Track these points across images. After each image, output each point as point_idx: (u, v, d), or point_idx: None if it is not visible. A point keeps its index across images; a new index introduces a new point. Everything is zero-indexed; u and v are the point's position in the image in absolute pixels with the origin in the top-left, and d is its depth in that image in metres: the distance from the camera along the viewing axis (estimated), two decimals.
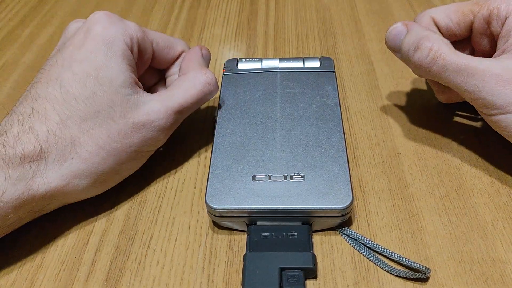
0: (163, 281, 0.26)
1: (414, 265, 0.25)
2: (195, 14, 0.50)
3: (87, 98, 0.27)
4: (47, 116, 0.26)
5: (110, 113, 0.27)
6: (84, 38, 0.28)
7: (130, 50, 0.29)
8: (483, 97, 0.27)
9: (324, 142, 0.30)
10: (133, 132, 0.28)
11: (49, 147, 0.26)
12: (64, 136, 0.26)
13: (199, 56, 0.33)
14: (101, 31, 0.28)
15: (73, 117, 0.27)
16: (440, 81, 0.29)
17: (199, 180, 0.32)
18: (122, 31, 0.29)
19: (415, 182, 0.30)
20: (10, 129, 0.26)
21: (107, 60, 0.28)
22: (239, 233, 0.28)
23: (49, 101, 0.27)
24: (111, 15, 0.29)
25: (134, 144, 0.28)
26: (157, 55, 0.32)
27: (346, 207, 0.26)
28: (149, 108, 0.28)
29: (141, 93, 0.29)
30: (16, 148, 0.25)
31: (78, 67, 0.27)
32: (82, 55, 0.28)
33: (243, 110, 0.32)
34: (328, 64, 0.36)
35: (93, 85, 0.27)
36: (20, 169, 0.25)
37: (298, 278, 0.24)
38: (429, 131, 0.34)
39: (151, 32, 0.32)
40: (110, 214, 0.30)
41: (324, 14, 0.49)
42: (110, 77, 0.28)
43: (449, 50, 0.28)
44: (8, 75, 0.43)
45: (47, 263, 0.27)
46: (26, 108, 0.27)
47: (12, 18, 0.52)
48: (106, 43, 0.28)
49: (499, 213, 0.28)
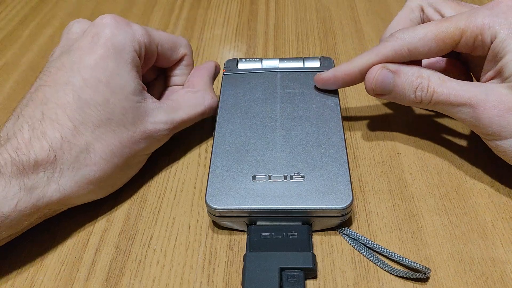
0: (163, 281, 0.26)
1: (414, 265, 0.25)
2: (195, 14, 0.50)
3: (100, 105, 0.27)
4: (59, 122, 0.26)
5: (122, 120, 0.28)
6: (93, 43, 0.28)
7: (138, 56, 0.29)
8: (478, 125, 0.27)
9: (324, 142, 0.30)
10: (141, 139, 0.29)
11: (63, 153, 0.26)
12: (78, 142, 0.26)
13: (211, 74, 0.34)
14: (111, 36, 0.28)
15: (86, 123, 0.27)
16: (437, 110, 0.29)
17: (199, 180, 0.32)
18: (131, 37, 0.29)
19: (415, 182, 0.30)
20: (20, 134, 0.25)
21: (118, 67, 0.28)
22: (239, 233, 0.28)
23: (60, 106, 0.26)
24: (119, 19, 0.29)
25: (141, 150, 0.29)
26: (161, 57, 0.32)
27: (346, 207, 0.26)
28: (156, 117, 0.29)
29: (148, 100, 0.29)
30: (29, 155, 0.25)
31: (88, 73, 0.27)
32: (92, 61, 0.28)
33: (243, 110, 0.32)
34: (328, 64, 0.36)
35: (105, 92, 0.27)
36: (34, 177, 0.25)
37: (298, 278, 0.24)
38: (429, 131, 0.34)
39: (156, 33, 0.32)
40: (110, 214, 0.30)
41: (324, 14, 0.49)
42: (122, 85, 0.28)
43: (439, 82, 0.28)
44: (8, 75, 0.43)
45: (47, 263, 0.27)
46: (35, 112, 0.26)
47: (12, 18, 0.52)
48: (116, 49, 0.28)
49: (499, 213, 0.28)
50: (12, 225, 0.24)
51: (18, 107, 0.28)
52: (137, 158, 0.30)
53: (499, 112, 0.26)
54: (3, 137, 0.26)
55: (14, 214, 0.24)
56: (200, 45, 0.45)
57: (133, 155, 0.29)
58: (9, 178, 0.24)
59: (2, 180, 0.24)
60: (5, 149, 0.25)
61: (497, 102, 0.26)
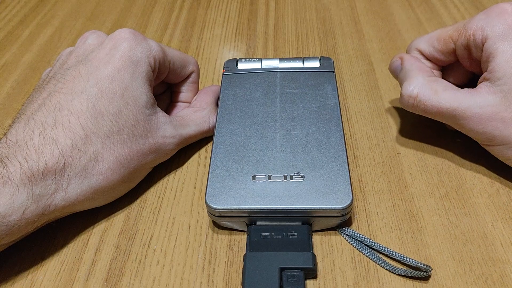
0: (163, 281, 0.26)
1: (415, 264, 0.25)
2: (195, 14, 0.50)
3: (113, 115, 0.27)
4: (71, 129, 0.26)
5: (133, 131, 0.28)
6: (111, 55, 0.29)
7: (152, 71, 0.30)
8: (469, 133, 0.29)
9: (324, 142, 0.30)
10: (149, 152, 0.29)
11: (73, 161, 0.26)
12: (88, 151, 0.26)
13: (216, 96, 0.35)
14: (128, 50, 0.29)
15: (97, 132, 0.27)
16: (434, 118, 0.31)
17: (199, 180, 0.32)
18: (147, 52, 0.30)
19: (415, 182, 0.30)
20: (31, 140, 0.25)
21: (133, 80, 0.28)
22: (239, 233, 0.28)
23: (74, 114, 0.27)
24: (136, 33, 0.30)
25: (147, 163, 0.30)
26: (171, 73, 0.33)
27: (346, 207, 0.26)
28: (165, 131, 0.30)
29: (159, 114, 0.30)
30: (39, 161, 0.25)
31: (105, 84, 0.28)
32: (109, 72, 0.28)
33: (243, 110, 0.32)
34: (328, 64, 0.36)
35: (119, 103, 0.28)
36: (42, 184, 0.25)
37: (298, 278, 0.24)
38: (429, 131, 0.34)
39: (169, 51, 0.32)
40: (110, 214, 0.30)
41: (324, 14, 0.49)
42: (135, 97, 0.28)
43: (430, 93, 0.29)
44: (8, 75, 0.43)
45: (47, 263, 0.27)
46: (47, 118, 0.26)
47: (12, 18, 0.52)
48: (133, 63, 0.29)
49: (499, 213, 0.28)
50: (17, 232, 0.24)
51: (27, 109, 0.28)
52: (141, 171, 0.30)
53: (482, 121, 0.28)
54: (12, 141, 0.25)
55: (21, 222, 0.24)
56: (200, 45, 0.46)
57: (139, 167, 0.29)
58: (17, 185, 0.24)
59: (10, 187, 0.24)
60: (14, 155, 0.25)
61: (480, 111, 0.27)
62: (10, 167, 0.24)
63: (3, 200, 0.23)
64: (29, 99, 0.29)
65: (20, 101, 0.39)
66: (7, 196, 0.23)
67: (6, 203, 0.23)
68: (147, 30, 0.48)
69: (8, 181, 0.24)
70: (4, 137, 0.26)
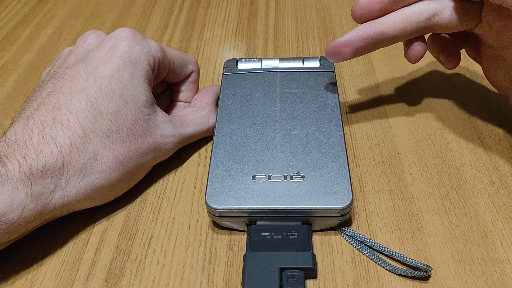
0: (163, 281, 0.26)
1: (415, 263, 0.25)
2: (195, 14, 0.50)
3: (112, 114, 0.27)
4: (70, 128, 0.26)
5: (132, 130, 0.28)
6: (110, 54, 0.29)
7: (151, 70, 0.30)
8: None
9: (324, 142, 0.30)
10: (148, 151, 0.29)
11: (72, 160, 0.26)
12: (87, 150, 0.26)
13: (216, 96, 0.35)
14: (128, 49, 0.29)
15: (96, 131, 0.27)
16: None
17: (199, 180, 0.32)
18: (147, 51, 0.30)
19: (415, 182, 0.30)
20: (30, 139, 0.25)
21: (132, 79, 0.28)
22: (239, 233, 0.28)
23: (73, 113, 0.27)
24: (136, 33, 0.30)
25: (147, 162, 0.30)
26: (171, 73, 0.33)
27: (346, 207, 0.26)
28: (164, 131, 0.30)
29: (158, 113, 0.30)
30: (37, 160, 0.25)
31: (104, 83, 0.28)
32: (108, 71, 0.28)
33: (243, 110, 0.32)
34: (328, 64, 0.36)
35: (118, 102, 0.28)
36: (41, 183, 0.25)
37: (298, 278, 0.24)
38: (429, 131, 0.34)
39: (169, 50, 0.32)
40: (110, 214, 0.30)
41: (324, 14, 0.49)
42: (134, 96, 0.28)
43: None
44: (8, 75, 0.43)
45: (47, 263, 0.27)
46: (46, 117, 0.26)
47: (12, 18, 0.52)
48: (132, 62, 0.29)
49: (499, 213, 0.28)
50: (16, 231, 0.24)
51: (26, 109, 0.28)
52: (140, 171, 0.30)
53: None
54: (11, 140, 0.26)
55: (19, 221, 0.24)
56: (200, 45, 0.45)
57: (138, 167, 0.29)
58: (16, 184, 0.24)
59: (9, 186, 0.24)
60: (13, 154, 0.25)
61: None
62: (9, 165, 0.24)
63: (2, 199, 0.23)
64: (28, 98, 0.29)
65: (20, 101, 0.39)
66: (6, 194, 0.23)
67: (5, 202, 0.23)
68: (147, 29, 0.48)
69: (7, 179, 0.24)
70: (3, 136, 0.26)
